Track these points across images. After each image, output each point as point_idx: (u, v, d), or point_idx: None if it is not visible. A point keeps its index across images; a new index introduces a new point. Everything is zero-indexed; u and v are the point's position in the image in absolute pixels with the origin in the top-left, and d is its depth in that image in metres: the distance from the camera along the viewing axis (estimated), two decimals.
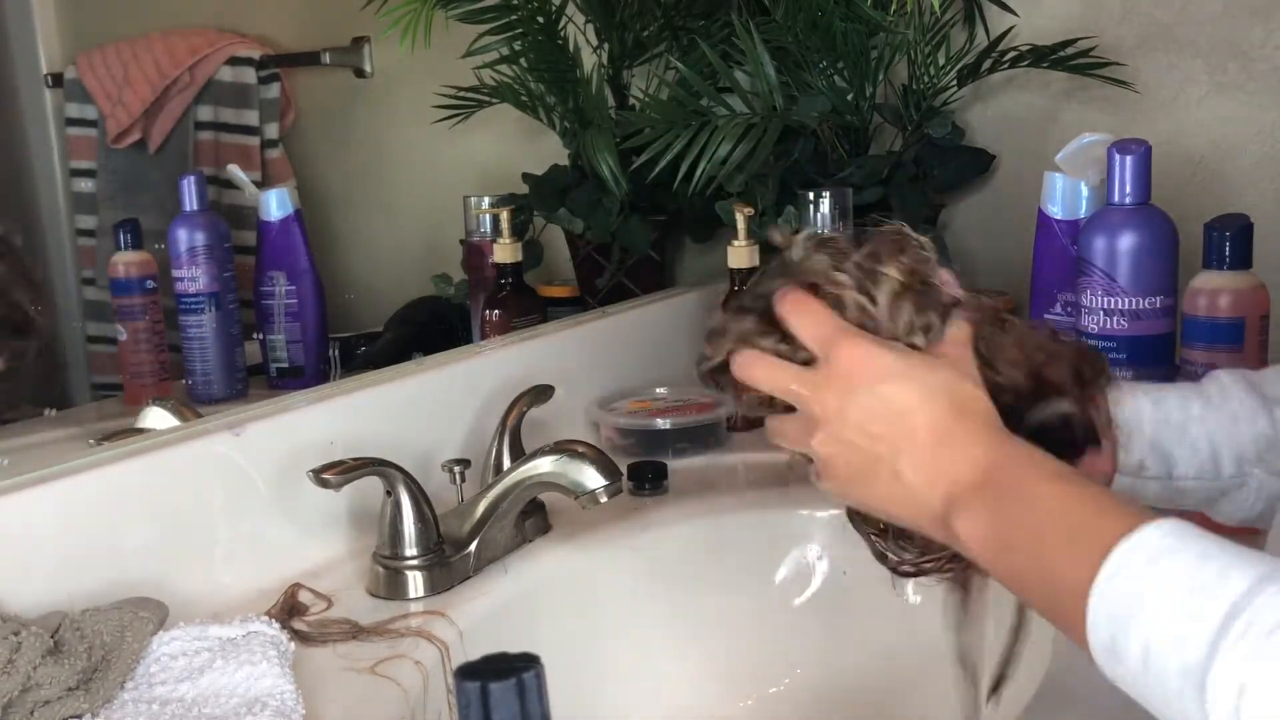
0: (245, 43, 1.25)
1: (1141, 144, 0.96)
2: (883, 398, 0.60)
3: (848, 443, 0.61)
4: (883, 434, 0.60)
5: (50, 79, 1.15)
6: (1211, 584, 0.46)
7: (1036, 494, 0.55)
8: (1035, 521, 0.54)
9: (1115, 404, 0.67)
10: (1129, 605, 0.48)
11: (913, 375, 0.60)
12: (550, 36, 1.28)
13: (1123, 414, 0.67)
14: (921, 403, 0.59)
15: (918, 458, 0.59)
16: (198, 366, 1.15)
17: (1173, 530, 0.49)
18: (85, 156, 1.18)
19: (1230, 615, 0.44)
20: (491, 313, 1.25)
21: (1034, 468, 0.56)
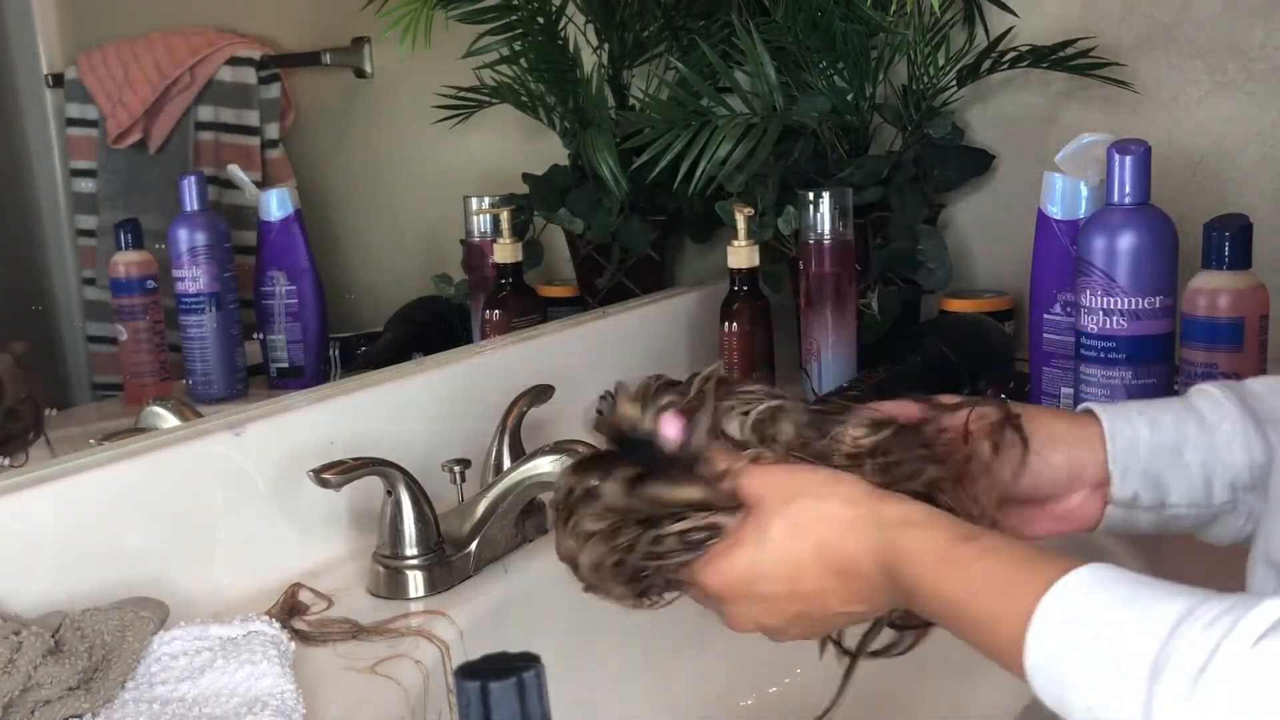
0: (245, 43, 1.25)
1: (1141, 144, 0.96)
2: (766, 596, 0.62)
3: (784, 632, 0.64)
4: (797, 614, 0.63)
5: (50, 79, 1.15)
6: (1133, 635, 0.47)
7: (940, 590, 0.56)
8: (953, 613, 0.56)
9: (1111, 436, 0.66)
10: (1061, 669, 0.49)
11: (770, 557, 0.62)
12: (550, 36, 1.28)
13: (1118, 444, 0.66)
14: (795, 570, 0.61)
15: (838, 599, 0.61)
16: (198, 366, 1.15)
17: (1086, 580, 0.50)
18: (85, 156, 1.17)
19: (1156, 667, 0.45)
20: (491, 313, 1.25)
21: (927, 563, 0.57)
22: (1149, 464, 0.66)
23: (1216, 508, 0.66)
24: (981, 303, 1.27)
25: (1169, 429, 0.66)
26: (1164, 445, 0.66)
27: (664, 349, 1.29)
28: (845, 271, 1.18)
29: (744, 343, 1.19)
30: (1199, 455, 0.65)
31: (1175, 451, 0.66)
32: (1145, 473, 0.66)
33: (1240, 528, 0.66)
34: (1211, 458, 0.65)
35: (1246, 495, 0.65)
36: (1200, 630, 0.45)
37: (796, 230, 1.20)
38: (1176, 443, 0.65)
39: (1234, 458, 0.65)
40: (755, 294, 1.20)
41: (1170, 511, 0.66)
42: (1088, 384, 1.00)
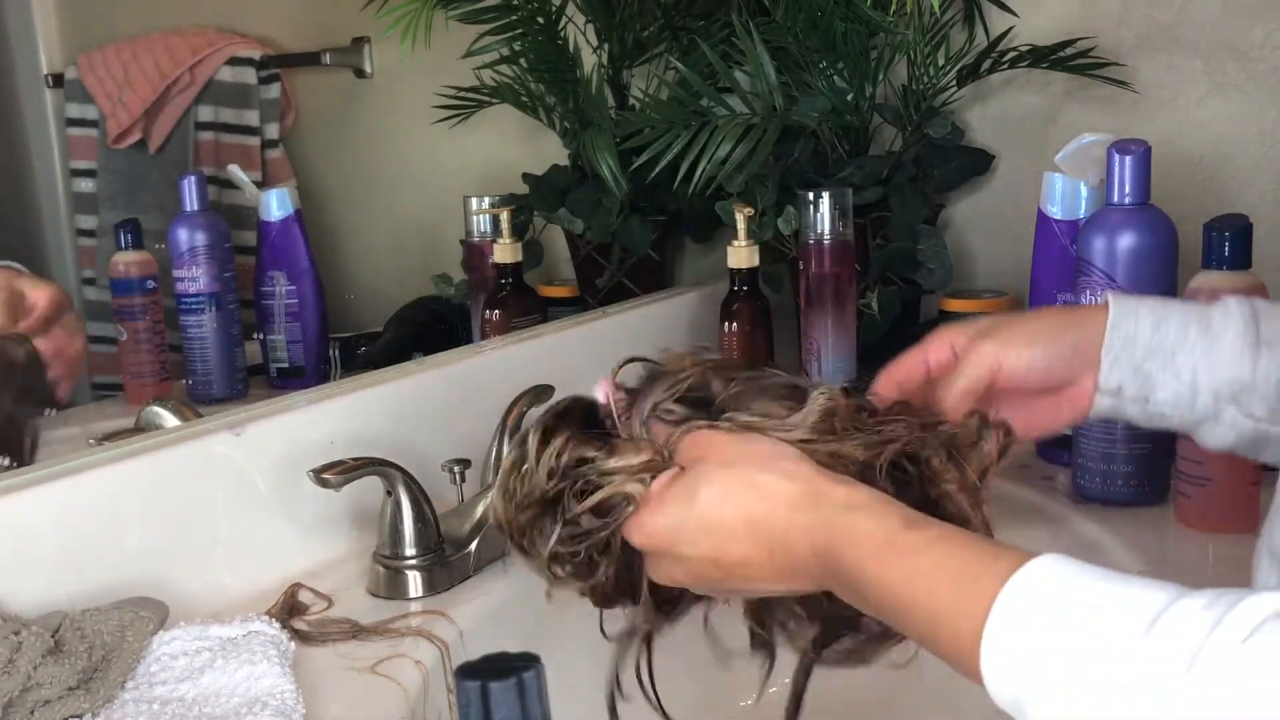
0: (245, 43, 1.25)
1: (1141, 144, 0.96)
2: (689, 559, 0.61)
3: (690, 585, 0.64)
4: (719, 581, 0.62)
5: (50, 79, 1.15)
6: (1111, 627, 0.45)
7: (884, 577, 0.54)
8: (898, 603, 0.53)
9: (1113, 326, 0.68)
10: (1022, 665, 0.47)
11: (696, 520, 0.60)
12: (550, 37, 1.28)
13: (1119, 335, 0.68)
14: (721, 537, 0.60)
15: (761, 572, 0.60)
16: (198, 366, 1.15)
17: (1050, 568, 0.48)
18: (85, 156, 1.18)
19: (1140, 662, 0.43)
20: (491, 313, 1.25)
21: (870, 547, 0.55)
22: (1142, 360, 0.68)
23: (1200, 413, 0.68)
24: (981, 303, 1.26)
25: (1171, 332, 0.68)
26: (1161, 346, 0.67)
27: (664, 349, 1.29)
28: (845, 271, 1.18)
29: (744, 343, 1.19)
30: (1192, 360, 0.67)
31: (1170, 354, 0.67)
32: (1137, 368, 0.68)
33: (1223, 436, 0.68)
34: (1203, 365, 0.67)
35: (1228, 406, 0.67)
36: (1184, 623, 0.43)
37: (796, 230, 1.20)
38: (1173, 346, 0.67)
39: (1223, 370, 0.66)
40: (755, 294, 1.20)
41: (1154, 409, 0.68)
42: None
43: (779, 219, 1.23)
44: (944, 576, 0.51)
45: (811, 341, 1.18)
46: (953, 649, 0.50)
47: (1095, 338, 0.68)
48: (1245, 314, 0.67)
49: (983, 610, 0.48)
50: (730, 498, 0.59)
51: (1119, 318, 0.68)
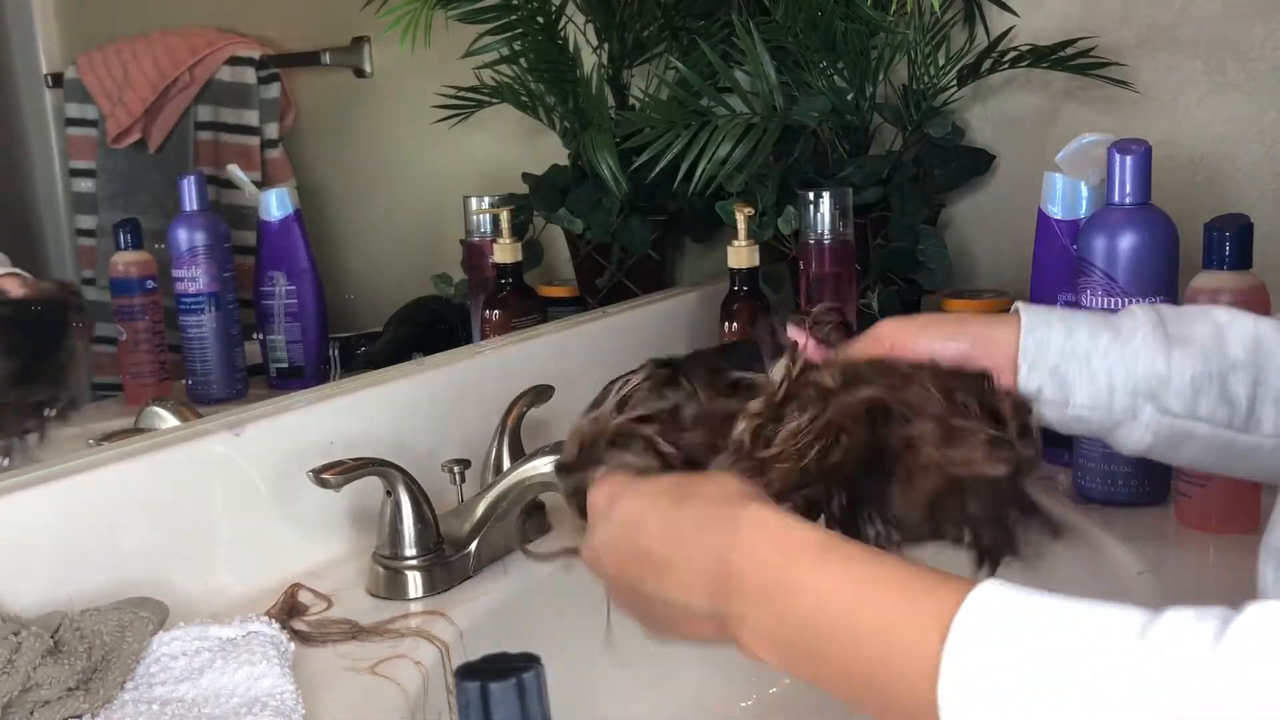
0: (245, 43, 1.25)
1: (1141, 144, 0.96)
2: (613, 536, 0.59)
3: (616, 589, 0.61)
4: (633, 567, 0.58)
5: (50, 79, 1.15)
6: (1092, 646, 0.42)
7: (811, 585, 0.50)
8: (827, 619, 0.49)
9: (1027, 331, 0.68)
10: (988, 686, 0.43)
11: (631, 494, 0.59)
12: (550, 36, 1.28)
13: (1032, 339, 0.68)
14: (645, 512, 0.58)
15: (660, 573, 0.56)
16: (198, 366, 1.15)
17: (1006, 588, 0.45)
18: (85, 156, 1.17)
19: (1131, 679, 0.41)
20: (491, 313, 1.25)
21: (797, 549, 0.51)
22: (1056, 364, 0.68)
23: (1117, 414, 0.68)
24: (981, 303, 1.26)
25: (1083, 338, 0.68)
26: (1075, 352, 0.68)
27: (664, 349, 1.29)
28: (845, 271, 1.18)
29: None
30: (1106, 364, 0.68)
31: (1084, 359, 0.68)
32: (1053, 371, 0.68)
33: (1140, 437, 0.68)
34: (1118, 367, 0.67)
35: (1145, 405, 0.67)
36: (1180, 629, 0.41)
37: (796, 230, 1.20)
38: (1087, 351, 0.68)
39: (1138, 368, 0.67)
40: (755, 294, 1.20)
41: (1073, 411, 0.69)
42: None
43: (779, 219, 1.23)
44: (895, 584, 0.48)
45: None
46: (899, 669, 0.46)
47: (1002, 337, 0.69)
48: (1151, 318, 0.69)
49: (943, 621, 0.45)
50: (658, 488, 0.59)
51: (1031, 323, 0.69)
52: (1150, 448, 0.69)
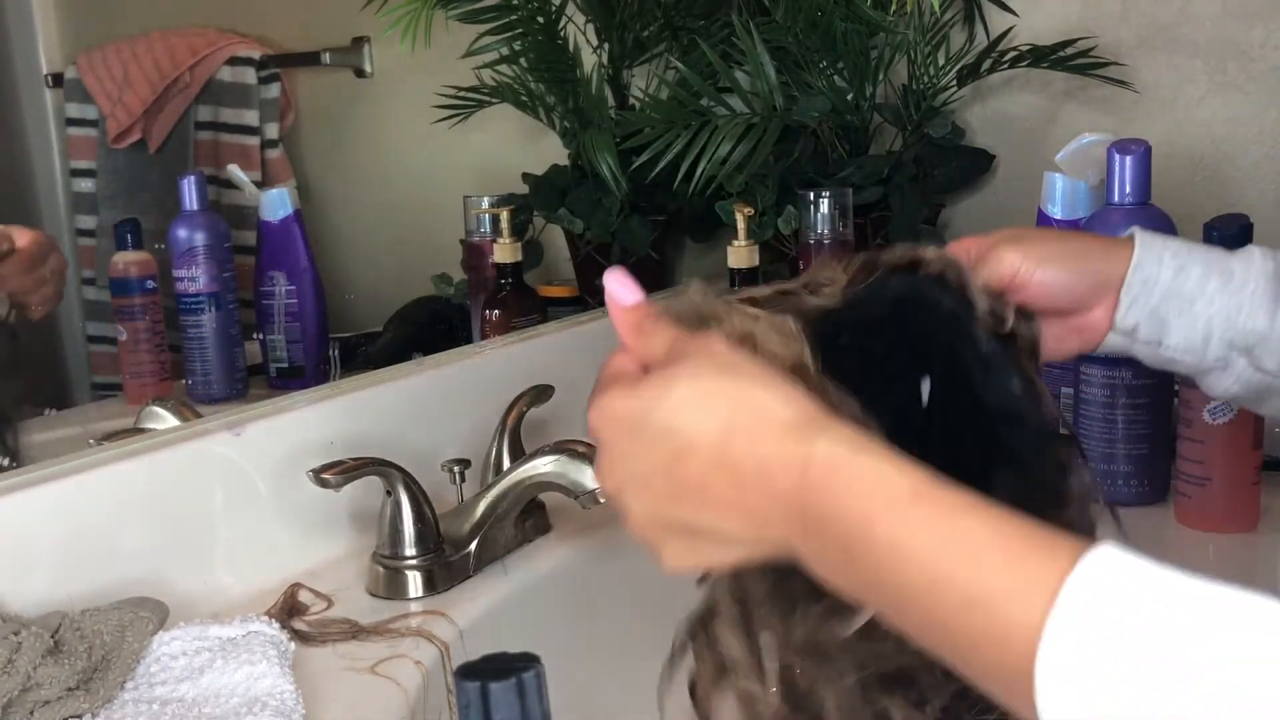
0: (245, 43, 1.25)
1: (1141, 144, 0.96)
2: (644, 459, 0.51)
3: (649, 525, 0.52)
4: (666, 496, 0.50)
5: (50, 79, 1.15)
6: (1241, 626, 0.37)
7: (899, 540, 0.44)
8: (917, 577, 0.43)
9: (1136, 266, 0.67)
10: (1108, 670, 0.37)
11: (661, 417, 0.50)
12: (550, 36, 1.28)
13: (1139, 276, 0.67)
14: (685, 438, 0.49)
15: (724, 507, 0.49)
16: (198, 366, 1.15)
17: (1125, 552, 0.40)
18: (85, 156, 1.18)
19: None
20: (491, 313, 1.25)
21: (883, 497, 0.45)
22: (1159, 304, 0.67)
23: (1210, 361, 0.68)
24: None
25: (1192, 280, 0.67)
26: (1180, 291, 0.67)
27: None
28: None
29: None
30: (1209, 310, 0.67)
31: (1189, 301, 0.67)
32: (1153, 311, 0.67)
33: (1228, 386, 0.68)
34: (1219, 316, 0.66)
35: (1239, 358, 0.67)
36: None
37: (796, 230, 1.20)
38: (1192, 294, 0.67)
39: (1239, 320, 0.66)
40: None
41: (1166, 353, 0.68)
42: (1088, 383, 1.00)
43: (779, 219, 1.23)
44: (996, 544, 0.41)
45: None
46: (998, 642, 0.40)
47: (1117, 272, 0.67)
48: (1267, 268, 0.67)
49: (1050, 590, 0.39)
50: (711, 401, 0.49)
51: (1143, 258, 0.67)
52: (1237, 396, 0.69)
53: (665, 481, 0.50)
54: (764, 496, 0.48)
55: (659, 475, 0.50)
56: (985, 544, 0.42)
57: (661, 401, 0.50)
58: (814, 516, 0.46)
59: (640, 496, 0.52)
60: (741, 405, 0.49)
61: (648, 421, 0.50)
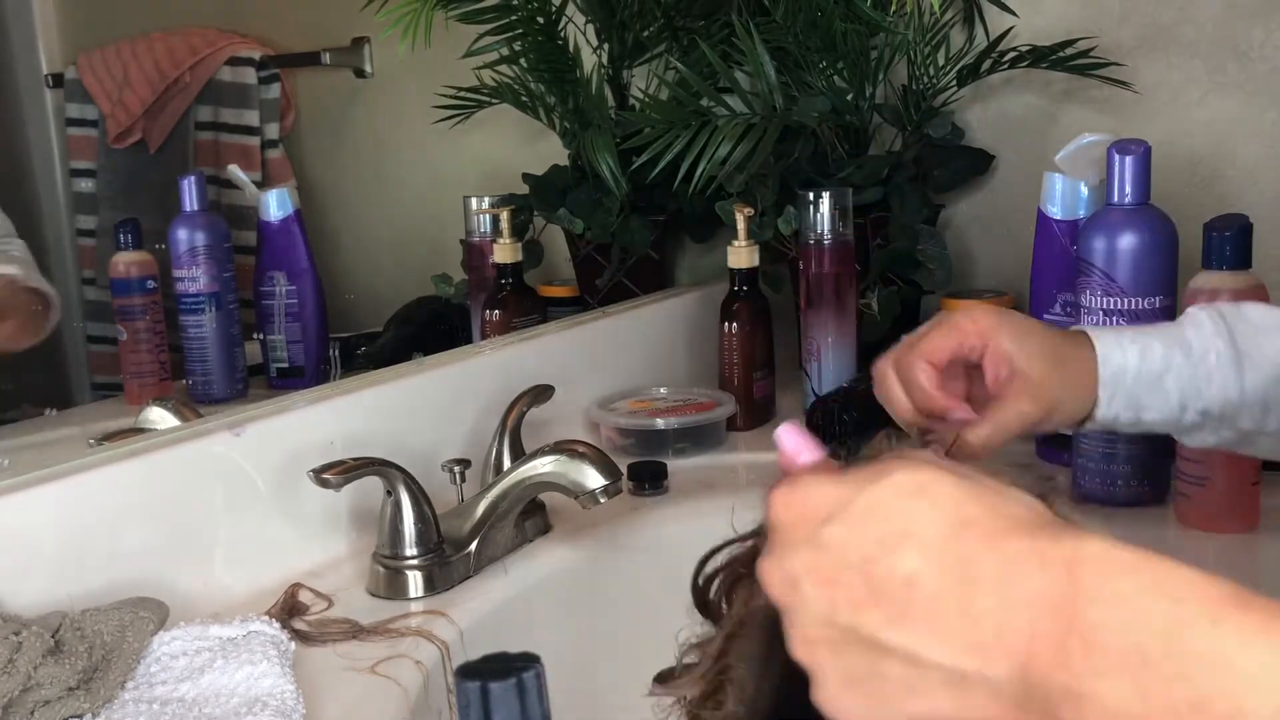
0: (245, 43, 1.25)
1: (1141, 144, 0.96)
2: (836, 546, 0.40)
3: (819, 634, 0.41)
4: (858, 599, 0.39)
5: (50, 79, 1.15)
6: None
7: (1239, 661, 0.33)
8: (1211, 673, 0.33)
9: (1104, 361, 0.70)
10: None
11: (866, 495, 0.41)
12: (550, 36, 1.28)
13: (1109, 369, 0.71)
14: (898, 526, 0.39)
15: (931, 619, 0.38)
16: (198, 366, 1.15)
17: None
18: (85, 156, 1.18)
19: None
20: (491, 313, 1.25)
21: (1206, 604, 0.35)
22: (1133, 388, 0.71)
23: (1187, 425, 0.72)
24: (981, 303, 1.26)
25: (1157, 358, 0.71)
26: (1150, 373, 0.71)
27: (664, 349, 1.29)
28: (845, 271, 1.18)
29: (744, 343, 1.19)
30: (1179, 383, 0.71)
31: (1158, 378, 0.71)
32: (1129, 396, 0.71)
33: (1206, 441, 0.73)
34: (1190, 387, 0.70)
35: (1215, 422, 0.71)
36: None
37: (796, 230, 1.20)
38: (1160, 372, 0.71)
39: (1210, 390, 0.70)
40: (755, 294, 1.20)
41: (1143, 427, 0.72)
42: None
43: (779, 219, 1.23)
44: None
45: (811, 341, 1.18)
46: None
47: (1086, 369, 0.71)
48: (1221, 331, 0.71)
49: None
50: (935, 489, 0.39)
51: (1106, 351, 0.71)
52: (1216, 448, 0.73)
53: (860, 578, 0.39)
54: (1002, 604, 0.37)
55: (853, 570, 0.39)
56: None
57: (874, 485, 0.40)
58: (1088, 627, 0.35)
59: (819, 593, 0.40)
60: (974, 499, 0.39)
61: (852, 503, 0.40)
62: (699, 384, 1.26)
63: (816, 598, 0.40)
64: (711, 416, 1.14)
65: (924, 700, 0.38)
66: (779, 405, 1.24)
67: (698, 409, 1.15)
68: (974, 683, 0.37)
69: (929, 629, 0.38)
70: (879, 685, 0.39)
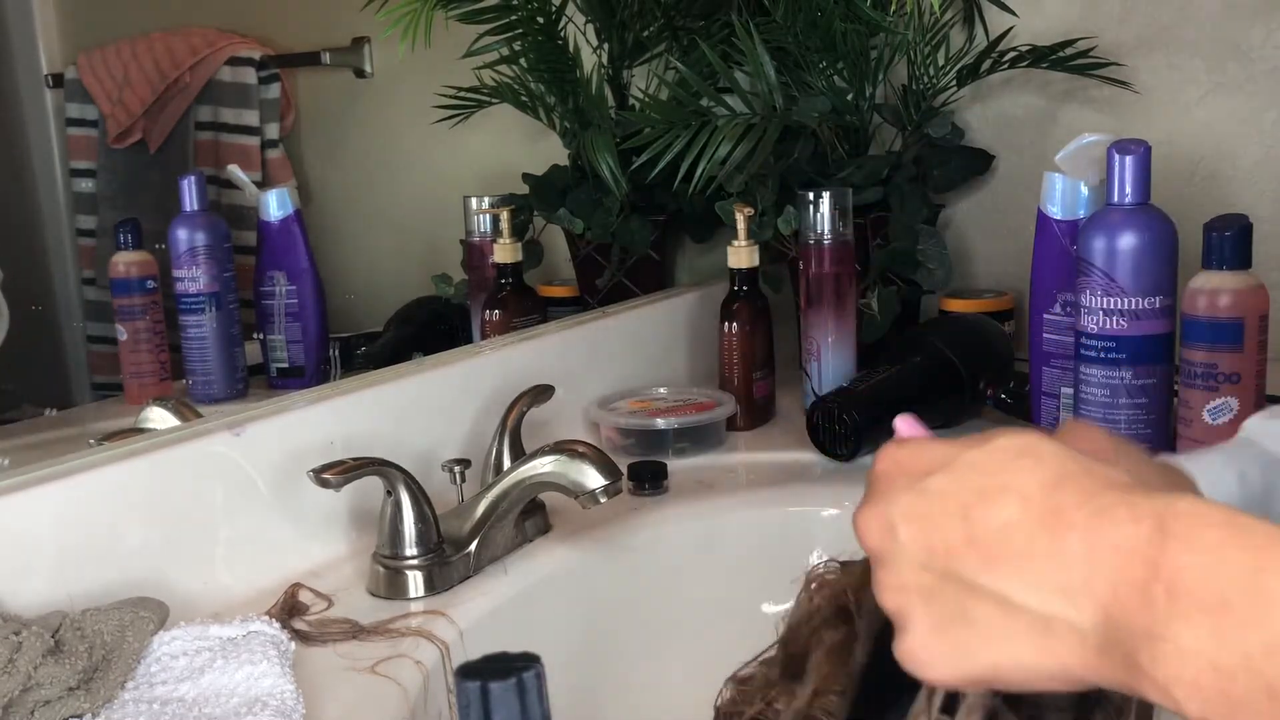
0: (245, 43, 1.25)
1: (1141, 144, 0.96)
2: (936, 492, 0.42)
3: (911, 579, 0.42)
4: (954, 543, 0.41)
5: (50, 79, 1.15)
6: None
7: None
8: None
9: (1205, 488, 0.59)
10: None
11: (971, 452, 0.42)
12: (550, 36, 1.28)
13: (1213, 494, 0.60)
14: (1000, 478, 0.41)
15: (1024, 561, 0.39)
16: (198, 366, 1.15)
17: None
18: (85, 156, 1.18)
19: None
20: (491, 313, 1.25)
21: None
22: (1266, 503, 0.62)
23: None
24: (981, 303, 1.27)
25: (1256, 480, 0.62)
26: (1253, 498, 0.61)
27: (664, 349, 1.29)
28: (845, 271, 1.18)
29: (744, 343, 1.19)
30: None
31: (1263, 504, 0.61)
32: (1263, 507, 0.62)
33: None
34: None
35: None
36: None
37: (796, 230, 1.20)
38: (1264, 493, 0.61)
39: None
40: (755, 294, 1.20)
41: None
42: (1087, 384, 0.99)
43: (779, 219, 1.23)
44: None
45: (811, 341, 1.18)
46: None
47: None
48: None
49: None
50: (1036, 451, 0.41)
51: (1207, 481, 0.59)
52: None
53: (957, 524, 0.41)
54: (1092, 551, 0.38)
55: (951, 517, 0.41)
56: None
57: (979, 445, 0.42)
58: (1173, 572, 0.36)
59: (916, 538, 0.42)
60: (1074, 459, 0.41)
61: (957, 458, 0.42)
62: (699, 384, 1.26)
63: (912, 542, 0.42)
64: (711, 416, 1.14)
65: (1008, 646, 0.40)
66: (779, 405, 1.24)
67: (698, 409, 1.15)
68: (1059, 627, 0.39)
69: (1020, 573, 0.39)
70: (966, 631, 0.41)
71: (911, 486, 0.43)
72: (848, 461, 1.06)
